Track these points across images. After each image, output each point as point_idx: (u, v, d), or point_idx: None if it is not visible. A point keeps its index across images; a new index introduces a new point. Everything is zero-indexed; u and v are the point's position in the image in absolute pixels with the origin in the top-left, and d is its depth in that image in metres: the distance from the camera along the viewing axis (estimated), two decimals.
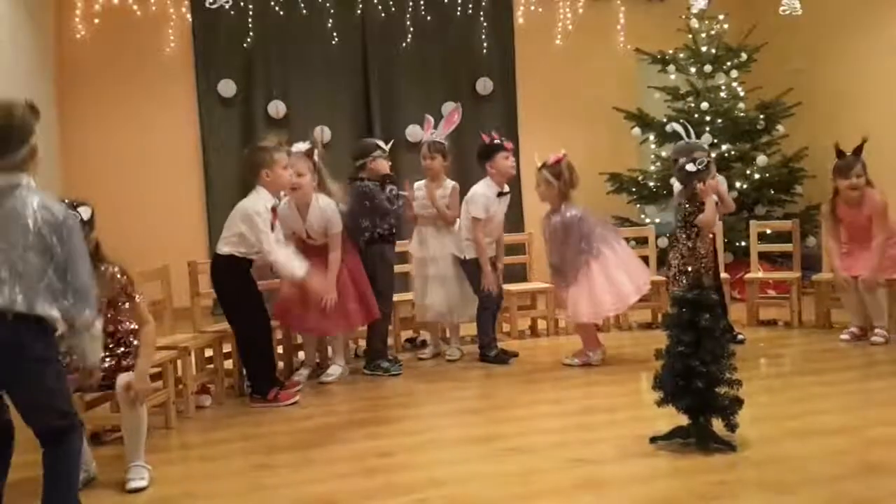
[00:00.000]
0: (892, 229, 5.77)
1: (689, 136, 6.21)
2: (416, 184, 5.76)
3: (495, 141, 5.67)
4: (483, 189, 5.60)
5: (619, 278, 5.33)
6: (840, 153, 5.80)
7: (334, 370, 5.32)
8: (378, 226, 5.36)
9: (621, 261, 5.39)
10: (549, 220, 5.42)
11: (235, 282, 4.69)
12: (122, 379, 3.46)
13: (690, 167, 5.42)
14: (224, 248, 4.72)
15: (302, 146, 5.16)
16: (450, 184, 5.75)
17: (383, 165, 5.48)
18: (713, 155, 6.24)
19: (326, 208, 5.12)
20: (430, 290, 5.68)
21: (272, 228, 4.72)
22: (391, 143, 5.83)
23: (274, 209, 4.76)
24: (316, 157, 5.17)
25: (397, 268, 5.86)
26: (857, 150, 5.75)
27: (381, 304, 5.37)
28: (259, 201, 4.68)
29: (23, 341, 2.64)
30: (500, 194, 5.64)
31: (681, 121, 6.75)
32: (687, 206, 5.45)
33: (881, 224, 5.69)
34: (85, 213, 3.47)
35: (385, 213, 5.35)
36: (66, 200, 3.32)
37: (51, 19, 7.93)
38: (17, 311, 2.61)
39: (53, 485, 2.75)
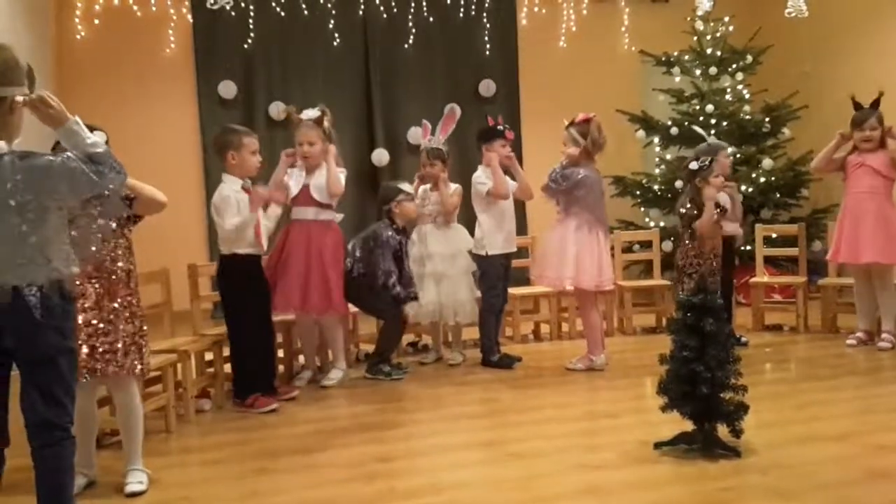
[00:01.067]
0: None
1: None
2: (421, 188, 5.71)
3: (498, 127, 5.63)
4: (483, 171, 5.55)
5: (584, 261, 5.22)
6: (857, 105, 5.76)
7: (335, 374, 5.29)
8: (366, 270, 5.29)
9: (594, 249, 5.28)
10: (560, 169, 5.28)
11: (233, 281, 4.66)
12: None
13: (693, 165, 5.40)
14: (224, 249, 4.72)
15: (312, 113, 5.14)
16: (453, 187, 5.71)
17: (411, 209, 5.47)
18: (729, 150, 6.16)
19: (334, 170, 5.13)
20: (424, 288, 5.61)
21: (251, 206, 4.63)
22: (415, 184, 5.73)
23: (246, 189, 4.67)
24: (326, 124, 5.14)
25: None
26: (875, 103, 5.71)
27: (385, 308, 5.36)
28: (224, 190, 4.62)
29: (44, 305, 2.60)
30: None
31: (686, 123, 6.71)
32: (688, 206, 5.41)
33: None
34: (100, 137, 3.37)
35: (381, 270, 5.27)
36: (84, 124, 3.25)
37: (50, 20, 7.91)
38: (39, 284, 2.59)
39: (50, 492, 2.70)
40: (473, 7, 8.90)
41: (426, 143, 5.75)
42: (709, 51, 8.35)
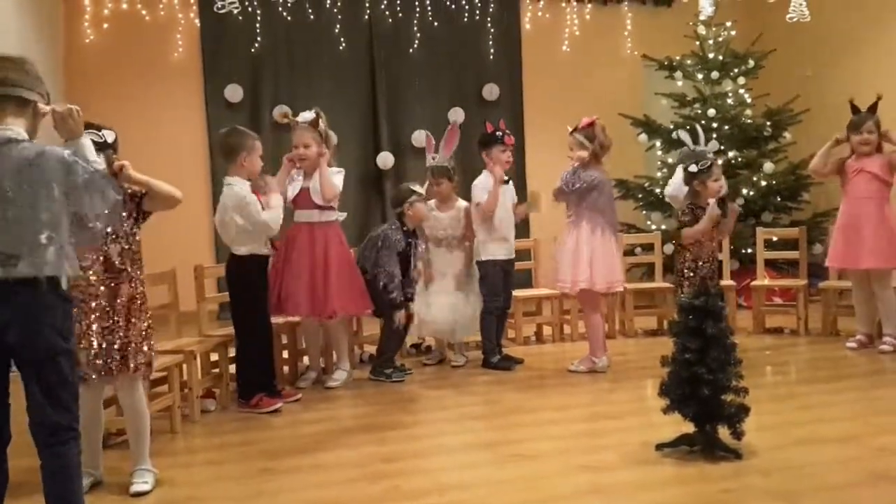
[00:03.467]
0: None
1: (696, 141, 6.17)
2: (429, 203, 5.72)
3: (497, 133, 5.65)
4: (484, 178, 5.59)
5: (597, 263, 5.25)
6: (855, 109, 5.80)
7: (339, 375, 5.32)
8: (370, 270, 5.36)
9: (606, 251, 5.31)
10: (572, 172, 5.30)
11: (248, 281, 4.70)
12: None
13: (692, 168, 5.42)
14: (241, 249, 4.71)
15: (307, 116, 5.18)
16: (462, 204, 5.73)
17: (422, 211, 5.49)
18: (720, 162, 6.21)
19: (332, 173, 5.17)
20: (433, 303, 5.65)
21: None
22: (426, 185, 5.74)
23: (255, 190, 4.68)
24: (322, 126, 5.17)
25: None
26: (872, 108, 5.74)
27: (384, 309, 5.38)
28: (242, 189, 4.62)
29: (46, 303, 2.62)
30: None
31: (688, 126, 6.73)
32: (686, 210, 5.42)
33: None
34: (109, 135, 3.42)
35: (383, 270, 5.32)
36: (93, 123, 3.30)
37: (60, 24, 7.97)
38: (46, 276, 2.61)
39: (59, 491, 2.72)
40: (478, 12, 8.95)
41: (431, 161, 5.78)
42: (711, 55, 8.38)
